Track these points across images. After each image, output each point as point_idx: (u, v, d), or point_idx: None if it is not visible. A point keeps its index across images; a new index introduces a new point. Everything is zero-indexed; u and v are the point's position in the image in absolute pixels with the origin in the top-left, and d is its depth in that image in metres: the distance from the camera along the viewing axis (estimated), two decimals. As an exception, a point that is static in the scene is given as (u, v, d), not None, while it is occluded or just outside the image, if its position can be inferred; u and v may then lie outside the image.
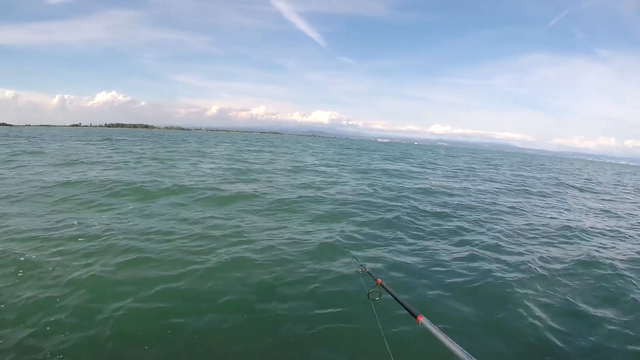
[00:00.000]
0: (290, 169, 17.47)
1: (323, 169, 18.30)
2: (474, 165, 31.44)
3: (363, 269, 2.95)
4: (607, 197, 16.12)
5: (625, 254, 7.11)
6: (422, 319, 1.70)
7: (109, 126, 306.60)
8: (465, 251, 6.54)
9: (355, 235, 7.19)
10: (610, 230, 9.01)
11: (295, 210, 8.69)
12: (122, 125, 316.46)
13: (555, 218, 10.03)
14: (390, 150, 50.72)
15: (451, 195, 12.54)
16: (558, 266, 6.09)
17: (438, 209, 9.66)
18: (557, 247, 7.28)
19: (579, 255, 6.63)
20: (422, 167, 25.41)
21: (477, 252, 6.44)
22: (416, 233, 7.52)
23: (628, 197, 16.90)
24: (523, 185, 17.29)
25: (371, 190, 12.27)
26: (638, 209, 12.96)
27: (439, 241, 7.05)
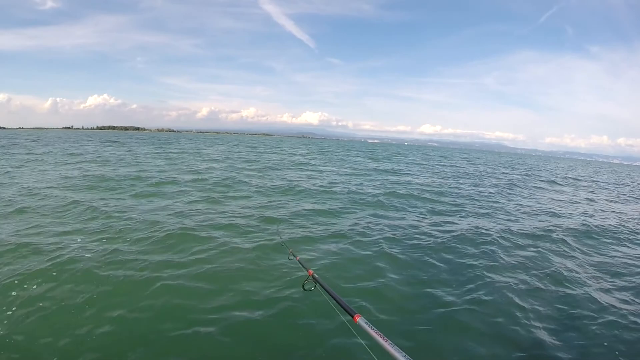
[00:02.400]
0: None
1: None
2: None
3: (293, 257, 2.98)
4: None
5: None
6: (360, 319, 1.54)
7: (101, 128, 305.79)
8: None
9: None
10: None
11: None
12: (114, 128, 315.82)
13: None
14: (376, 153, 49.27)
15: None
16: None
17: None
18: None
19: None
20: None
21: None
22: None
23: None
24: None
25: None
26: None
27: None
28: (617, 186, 23.19)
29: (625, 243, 7.82)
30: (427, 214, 9.11)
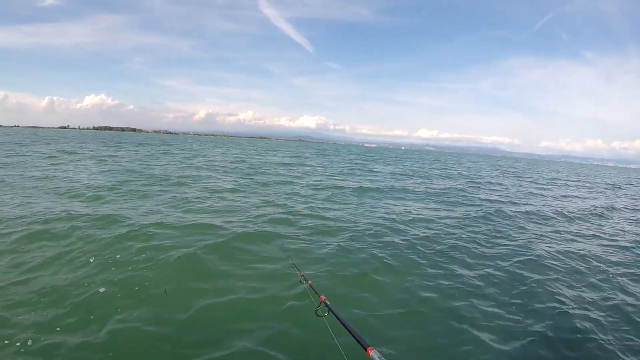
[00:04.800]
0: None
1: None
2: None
3: (305, 281, 2.85)
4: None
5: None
6: (373, 353, 1.53)
7: (97, 129, 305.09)
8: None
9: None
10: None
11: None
12: (110, 129, 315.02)
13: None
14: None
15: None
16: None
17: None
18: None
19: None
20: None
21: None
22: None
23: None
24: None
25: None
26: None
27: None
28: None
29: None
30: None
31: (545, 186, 20.75)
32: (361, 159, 38.20)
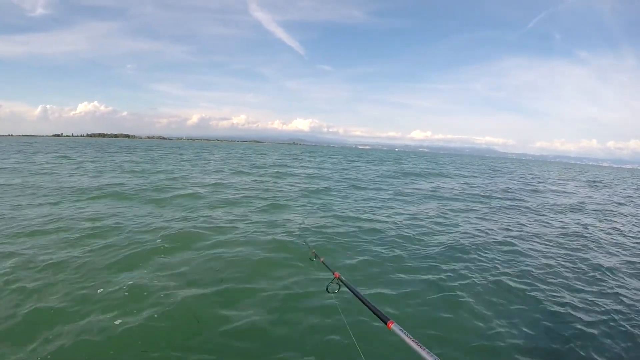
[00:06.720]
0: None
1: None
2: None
3: (316, 258, 2.74)
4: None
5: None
6: (394, 326, 1.50)
7: (91, 136, 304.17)
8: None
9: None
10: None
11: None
12: (104, 135, 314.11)
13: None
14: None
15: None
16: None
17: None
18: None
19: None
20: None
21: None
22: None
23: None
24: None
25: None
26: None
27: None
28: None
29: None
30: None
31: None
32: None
